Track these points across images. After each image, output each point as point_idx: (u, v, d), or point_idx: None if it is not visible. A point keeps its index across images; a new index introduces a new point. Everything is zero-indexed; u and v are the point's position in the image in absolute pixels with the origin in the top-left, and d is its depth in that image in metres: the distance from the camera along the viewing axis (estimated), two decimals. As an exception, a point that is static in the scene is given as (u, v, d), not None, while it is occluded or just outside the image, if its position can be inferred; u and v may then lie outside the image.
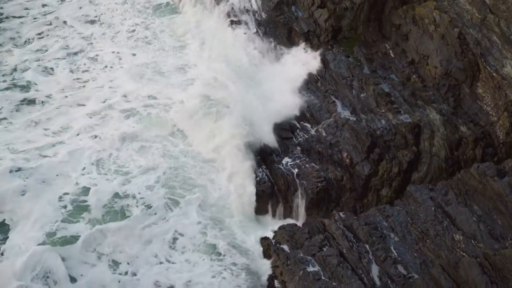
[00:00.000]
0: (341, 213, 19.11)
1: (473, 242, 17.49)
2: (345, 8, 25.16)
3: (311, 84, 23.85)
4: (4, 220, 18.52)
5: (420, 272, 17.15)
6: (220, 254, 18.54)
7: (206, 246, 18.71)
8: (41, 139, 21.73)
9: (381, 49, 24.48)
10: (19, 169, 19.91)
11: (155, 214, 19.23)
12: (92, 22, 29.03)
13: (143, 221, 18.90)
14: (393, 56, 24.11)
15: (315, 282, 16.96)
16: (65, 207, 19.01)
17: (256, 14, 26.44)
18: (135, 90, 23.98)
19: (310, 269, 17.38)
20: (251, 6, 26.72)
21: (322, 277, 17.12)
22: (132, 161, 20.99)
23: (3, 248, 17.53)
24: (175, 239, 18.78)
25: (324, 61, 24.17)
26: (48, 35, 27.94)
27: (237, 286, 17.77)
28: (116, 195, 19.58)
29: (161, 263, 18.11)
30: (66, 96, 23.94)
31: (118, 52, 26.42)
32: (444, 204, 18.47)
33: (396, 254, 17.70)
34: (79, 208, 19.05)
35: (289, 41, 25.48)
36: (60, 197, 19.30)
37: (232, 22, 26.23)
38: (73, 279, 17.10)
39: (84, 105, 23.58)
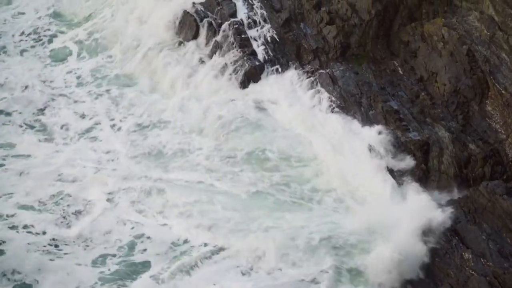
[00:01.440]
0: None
1: (482, 260, 17.73)
2: (353, 25, 25.53)
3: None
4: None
5: (429, 291, 17.45)
6: None
7: None
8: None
9: (390, 66, 24.81)
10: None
11: None
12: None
13: None
14: (401, 73, 24.44)
15: None
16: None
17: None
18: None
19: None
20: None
21: None
22: None
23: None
24: None
25: (332, 78, 24.51)
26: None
27: None
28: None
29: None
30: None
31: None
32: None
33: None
34: None
35: (298, 58, 25.82)
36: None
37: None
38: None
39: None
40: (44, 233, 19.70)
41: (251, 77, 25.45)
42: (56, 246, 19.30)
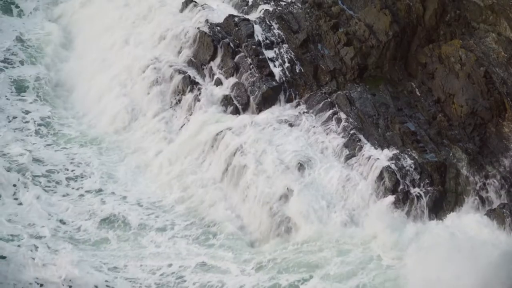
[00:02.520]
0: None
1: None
2: (371, 46, 26.00)
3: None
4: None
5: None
6: None
7: None
8: None
9: (407, 88, 25.24)
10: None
11: None
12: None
13: None
14: (419, 94, 24.86)
15: None
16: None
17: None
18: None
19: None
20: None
21: None
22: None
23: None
24: None
25: (349, 99, 24.94)
26: None
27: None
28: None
29: None
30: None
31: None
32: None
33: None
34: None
35: (315, 79, 26.25)
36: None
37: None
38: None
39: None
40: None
41: (268, 98, 25.80)
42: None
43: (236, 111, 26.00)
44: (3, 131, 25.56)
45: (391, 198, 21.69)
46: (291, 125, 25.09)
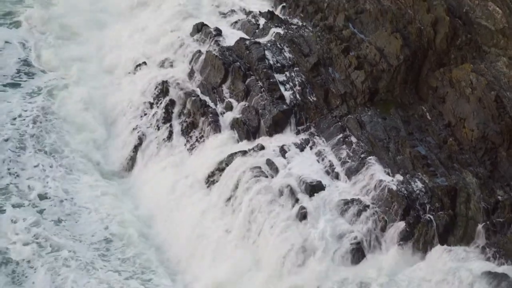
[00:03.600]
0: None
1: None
2: (382, 70, 26.43)
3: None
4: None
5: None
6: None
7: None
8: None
9: (418, 112, 25.64)
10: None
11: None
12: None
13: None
14: (429, 118, 25.24)
15: None
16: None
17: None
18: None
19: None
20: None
21: None
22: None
23: None
24: None
25: (360, 123, 25.35)
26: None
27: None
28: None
29: None
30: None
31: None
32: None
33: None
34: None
35: (326, 103, 26.67)
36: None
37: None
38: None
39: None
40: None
41: (278, 121, 26.23)
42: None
43: (247, 135, 26.48)
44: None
45: (401, 224, 22.05)
46: (302, 149, 25.51)
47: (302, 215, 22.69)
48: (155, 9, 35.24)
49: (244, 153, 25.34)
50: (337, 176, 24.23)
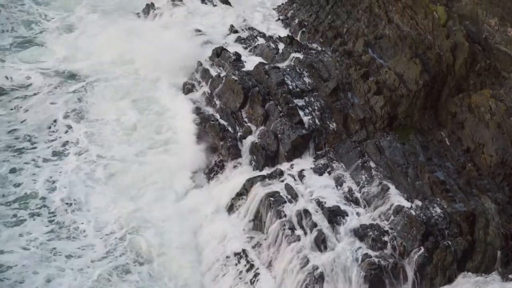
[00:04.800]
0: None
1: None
2: (401, 95, 26.93)
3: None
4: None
5: None
6: None
7: None
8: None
9: (437, 137, 26.12)
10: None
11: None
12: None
13: None
14: (448, 144, 25.72)
15: None
16: None
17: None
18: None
19: None
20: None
21: None
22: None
23: None
24: None
25: (379, 148, 25.86)
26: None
27: None
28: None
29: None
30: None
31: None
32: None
33: None
34: None
35: (345, 128, 27.19)
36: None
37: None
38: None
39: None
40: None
41: (297, 146, 26.71)
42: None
43: (265, 159, 27.00)
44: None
45: (420, 249, 22.49)
46: (320, 173, 26.02)
47: (321, 241, 23.16)
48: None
49: (263, 178, 25.89)
50: (356, 201, 24.69)
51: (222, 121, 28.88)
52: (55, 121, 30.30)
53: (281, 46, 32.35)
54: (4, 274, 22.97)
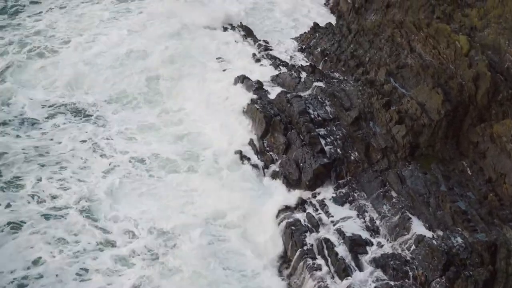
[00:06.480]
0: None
1: None
2: (423, 124, 27.45)
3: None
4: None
5: None
6: None
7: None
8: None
9: (459, 167, 26.62)
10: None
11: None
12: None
13: None
14: (470, 173, 26.20)
15: None
16: None
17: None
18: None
19: None
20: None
21: None
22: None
23: None
24: None
25: (401, 177, 26.41)
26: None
27: None
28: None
29: None
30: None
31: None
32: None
33: None
34: None
35: (367, 157, 27.81)
36: None
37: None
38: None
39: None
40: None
41: (319, 175, 27.37)
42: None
43: (288, 188, 27.68)
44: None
45: (441, 280, 22.95)
46: (342, 203, 26.63)
47: (342, 270, 23.71)
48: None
49: (284, 207, 26.57)
50: (377, 231, 25.25)
51: (244, 149, 29.81)
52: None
53: (303, 75, 33.15)
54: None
